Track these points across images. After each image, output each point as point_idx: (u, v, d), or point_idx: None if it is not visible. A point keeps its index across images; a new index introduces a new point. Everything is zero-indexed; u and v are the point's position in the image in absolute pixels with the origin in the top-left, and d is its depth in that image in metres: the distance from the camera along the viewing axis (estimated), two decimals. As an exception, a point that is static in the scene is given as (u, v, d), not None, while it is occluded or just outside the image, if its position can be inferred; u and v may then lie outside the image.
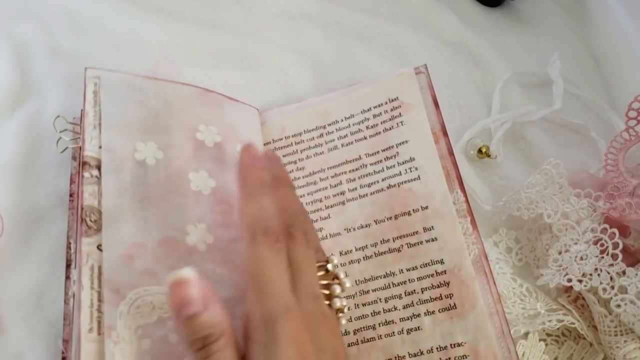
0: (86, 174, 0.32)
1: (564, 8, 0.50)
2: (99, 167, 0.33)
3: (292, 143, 0.40)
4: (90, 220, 0.31)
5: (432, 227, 0.35)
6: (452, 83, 0.45)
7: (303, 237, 0.27)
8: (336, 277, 0.29)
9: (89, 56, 0.43)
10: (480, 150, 0.41)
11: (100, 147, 0.33)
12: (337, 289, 0.28)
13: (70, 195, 0.34)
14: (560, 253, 0.34)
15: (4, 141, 0.38)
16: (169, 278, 0.24)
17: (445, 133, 0.38)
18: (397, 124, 0.38)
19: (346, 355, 0.26)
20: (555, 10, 0.50)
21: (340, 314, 0.29)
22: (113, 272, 0.30)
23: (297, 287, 0.25)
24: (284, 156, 0.40)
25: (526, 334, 0.34)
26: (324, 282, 0.28)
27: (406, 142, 0.38)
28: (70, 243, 0.34)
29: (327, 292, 0.28)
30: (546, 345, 0.34)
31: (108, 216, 0.31)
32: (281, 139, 0.40)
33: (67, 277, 0.33)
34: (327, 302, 0.28)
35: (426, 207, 0.35)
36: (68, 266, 0.34)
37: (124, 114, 0.34)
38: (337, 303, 0.28)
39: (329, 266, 0.29)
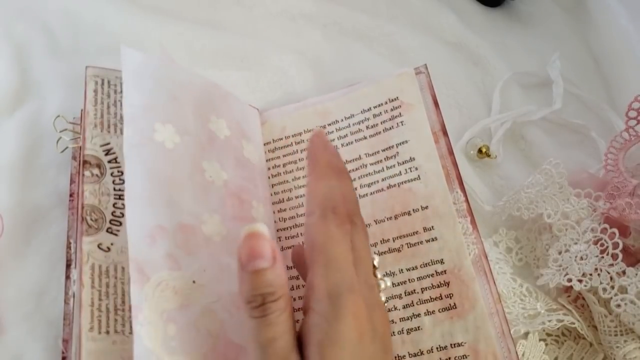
0: (87, 173, 0.32)
1: (564, 8, 0.50)
2: (99, 166, 0.32)
3: (292, 143, 0.40)
4: (91, 219, 0.31)
5: (432, 227, 0.35)
6: (452, 83, 0.45)
7: (364, 228, 0.28)
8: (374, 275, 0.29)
9: (89, 56, 0.43)
10: (480, 150, 0.41)
11: (101, 145, 0.33)
12: (382, 284, 0.28)
13: (71, 195, 0.35)
14: (560, 253, 0.34)
15: (4, 141, 0.38)
16: (245, 229, 0.25)
17: (445, 133, 0.38)
18: (397, 123, 0.38)
19: (391, 348, 0.26)
20: (555, 11, 0.50)
21: None
22: (137, 251, 0.29)
23: (357, 273, 0.25)
24: (284, 156, 0.40)
25: (526, 334, 0.34)
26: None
27: (406, 142, 0.38)
28: (70, 243, 0.34)
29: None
30: (546, 345, 0.34)
31: (131, 193, 0.30)
32: (281, 139, 0.40)
33: (67, 277, 0.33)
34: None
35: (426, 207, 0.35)
36: (68, 266, 0.34)
37: (144, 92, 0.33)
38: (383, 298, 0.28)
39: (375, 262, 0.28)
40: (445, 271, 0.34)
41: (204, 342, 0.29)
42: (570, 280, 0.33)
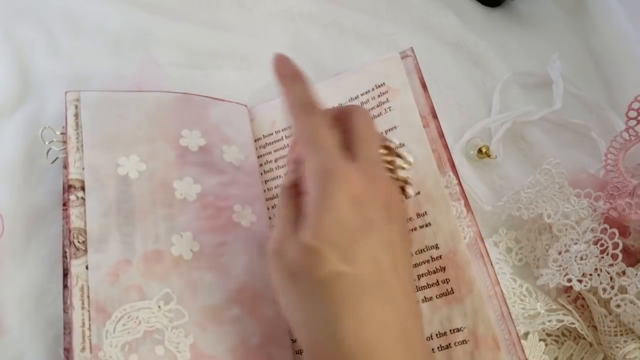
0: (72, 197, 0.33)
1: (564, 8, 0.50)
2: (84, 189, 0.33)
3: (282, 137, 0.40)
4: (79, 242, 0.32)
5: (425, 212, 0.34)
6: (452, 83, 0.45)
7: (365, 114, 0.29)
8: (399, 155, 0.30)
9: (89, 56, 0.43)
10: (480, 150, 0.41)
11: (84, 168, 0.33)
12: (399, 161, 0.29)
13: (64, 204, 0.34)
14: (560, 253, 0.34)
15: (4, 141, 0.38)
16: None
17: (435, 116, 0.37)
18: (385, 109, 0.38)
19: (403, 211, 0.27)
20: (555, 11, 0.50)
21: (406, 184, 0.30)
22: (99, 291, 0.30)
23: (356, 152, 0.26)
24: (275, 151, 0.39)
25: (526, 334, 0.34)
26: (388, 158, 0.29)
27: (395, 127, 0.37)
28: (65, 252, 0.33)
29: (390, 166, 0.29)
30: (546, 345, 0.34)
31: (93, 237, 0.32)
32: (271, 134, 0.40)
33: (65, 286, 0.33)
34: (391, 174, 0.29)
35: (418, 193, 0.35)
36: (65, 275, 0.33)
37: (105, 130, 0.35)
38: (401, 173, 0.29)
39: (392, 144, 0.30)
40: (440, 256, 0.33)
41: None
42: (570, 280, 0.33)
